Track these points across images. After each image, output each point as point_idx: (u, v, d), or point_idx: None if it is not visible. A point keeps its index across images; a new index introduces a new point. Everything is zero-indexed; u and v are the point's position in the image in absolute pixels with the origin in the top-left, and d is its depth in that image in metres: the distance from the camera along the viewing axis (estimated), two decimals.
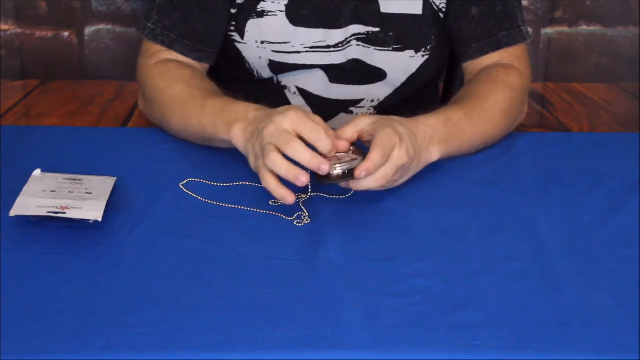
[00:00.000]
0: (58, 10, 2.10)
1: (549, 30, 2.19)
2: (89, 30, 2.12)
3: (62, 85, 1.92)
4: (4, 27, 2.10)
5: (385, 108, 1.40)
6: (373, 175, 1.03)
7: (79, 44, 2.13)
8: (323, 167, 1.00)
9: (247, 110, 1.11)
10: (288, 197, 1.01)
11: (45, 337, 0.83)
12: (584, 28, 2.19)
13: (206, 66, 1.33)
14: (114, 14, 2.12)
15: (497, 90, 1.26)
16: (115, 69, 2.12)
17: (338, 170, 1.03)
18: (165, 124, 1.25)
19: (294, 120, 1.02)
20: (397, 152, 1.04)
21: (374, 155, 1.02)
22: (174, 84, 1.23)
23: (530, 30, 2.14)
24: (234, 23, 1.33)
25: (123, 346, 0.82)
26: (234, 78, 1.40)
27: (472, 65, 1.34)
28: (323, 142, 1.02)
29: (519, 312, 0.88)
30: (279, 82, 1.38)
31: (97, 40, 2.13)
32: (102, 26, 2.13)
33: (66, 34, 2.13)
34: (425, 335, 0.85)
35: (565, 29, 2.19)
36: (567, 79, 2.18)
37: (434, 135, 1.13)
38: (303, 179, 1.00)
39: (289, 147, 1.00)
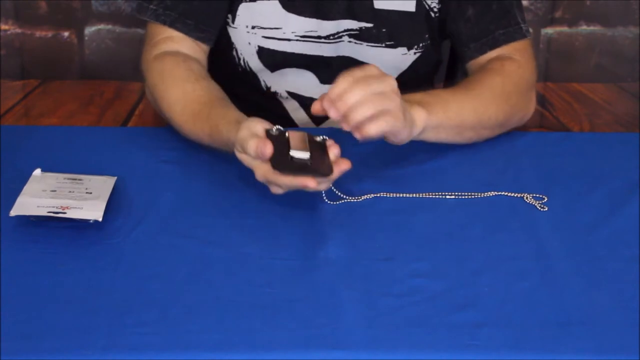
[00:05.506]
0: (58, 10, 2.10)
1: (549, 30, 2.19)
2: (89, 30, 2.12)
3: (62, 85, 1.93)
4: (4, 27, 2.10)
5: None
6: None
7: (79, 44, 2.13)
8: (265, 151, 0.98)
9: (229, 137, 1.09)
10: (308, 182, 0.98)
11: (45, 337, 0.83)
12: (584, 28, 2.19)
13: (206, 49, 1.32)
14: (114, 14, 2.12)
15: (486, 75, 1.27)
16: (115, 69, 2.12)
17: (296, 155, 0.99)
18: (169, 123, 1.25)
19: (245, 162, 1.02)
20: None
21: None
22: (169, 87, 1.23)
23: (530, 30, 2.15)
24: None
25: (123, 346, 0.82)
26: (224, 75, 1.39)
27: (474, 65, 1.34)
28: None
29: (519, 312, 0.88)
30: (268, 89, 1.38)
31: (97, 40, 2.13)
32: (102, 26, 2.13)
33: (66, 34, 2.12)
34: (425, 335, 0.84)
35: (565, 29, 2.19)
36: (567, 79, 2.18)
37: (411, 99, 1.12)
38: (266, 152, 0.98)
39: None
